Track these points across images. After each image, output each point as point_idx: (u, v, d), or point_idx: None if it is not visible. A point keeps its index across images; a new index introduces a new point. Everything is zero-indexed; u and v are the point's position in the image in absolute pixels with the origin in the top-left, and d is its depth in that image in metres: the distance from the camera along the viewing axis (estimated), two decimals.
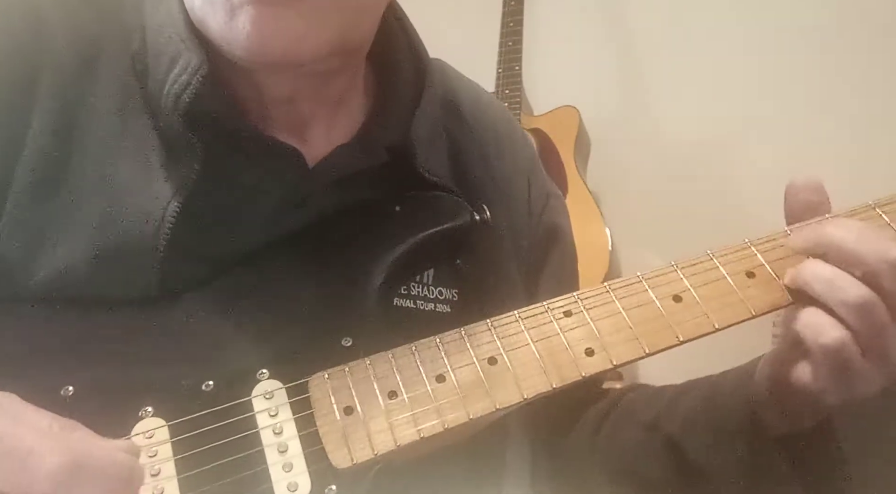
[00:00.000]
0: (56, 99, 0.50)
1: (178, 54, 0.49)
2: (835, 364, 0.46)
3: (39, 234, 0.48)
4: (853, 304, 0.45)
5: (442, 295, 0.55)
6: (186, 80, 0.48)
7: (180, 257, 0.49)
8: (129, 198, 0.49)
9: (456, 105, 0.63)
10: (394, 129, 0.56)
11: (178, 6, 0.51)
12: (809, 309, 0.47)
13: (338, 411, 0.45)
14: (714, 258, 0.52)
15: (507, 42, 1.74)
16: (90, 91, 0.51)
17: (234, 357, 0.47)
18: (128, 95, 0.52)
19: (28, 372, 0.45)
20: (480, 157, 0.63)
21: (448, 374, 0.46)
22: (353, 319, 0.49)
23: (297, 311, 0.49)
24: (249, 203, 0.52)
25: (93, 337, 0.47)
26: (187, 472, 0.42)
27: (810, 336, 0.46)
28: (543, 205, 0.67)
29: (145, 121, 0.51)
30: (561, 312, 0.49)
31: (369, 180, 0.55)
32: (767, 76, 1.70)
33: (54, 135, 0.49)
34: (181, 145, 0.50)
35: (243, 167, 0.52)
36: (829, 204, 0.53)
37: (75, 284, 0.47)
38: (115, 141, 0.51)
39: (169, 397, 0.45)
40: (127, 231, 0.49)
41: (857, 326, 0.45)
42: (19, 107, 0.49)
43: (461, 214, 0.55)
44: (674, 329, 0.49)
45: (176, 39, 0.50)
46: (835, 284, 0.46)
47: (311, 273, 0.51)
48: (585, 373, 0.47)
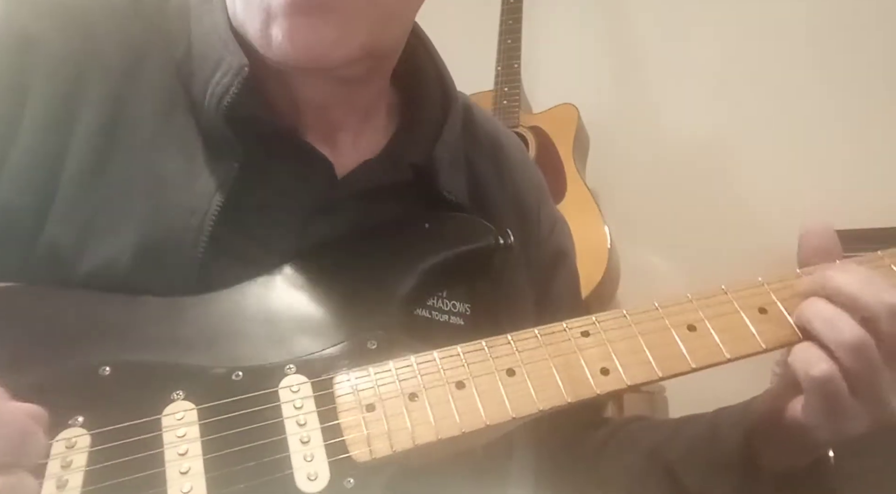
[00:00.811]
0: (103, 97, 0.53)
1: (221, 58, 0.53)
2: (824, 398, 0.48)
3: (90, 223, 0.51)
4: (848, 343, 0.47)
5: (455, 309, 0.58)
6: (228, 82, 0.52)
7: (219, 252, 0.52)
8: (174, 193, 0.52)
9: (475, 132, 0.68)
10: (419, 149, 0.60)
11: (222, 15, 0.55)
12: (803, 343, 0.50)
13: (360, 407, 0.46)
14: (728, 293, 0.54)
15: (506, 40, 1.74)
16: (135, 92, 0.54)
17: (263, 350, 0.49)
18: (172, 98, 0.55)
19: (68, 349, 0.47)
20: (496, 182, 0.66)
21: (468, 381, 0.48)
22: (379, 324, 0.51)
23: (325, 312, 0.52)
24: (281, 205, 0.55)
25: (132, 323, 0.49)
26: (213, 453, 0.44)
27: (801, 368, 0.49)
28: (551, 228, 0.71)
29: (189, 121, 0.54)
30: (579, 332, 0.51)
31: (393, 196, 0.59)
32: (766, 74, 1.73)
33: (101, 131, 0.52)
34: (222, 144, 0.53)
35: (277, 169, 0.55)
36: (840, 250, 0.55)
37: (120, 273, 0.50)
38: (159, 139, 0.54)
39: (200, 383, 0.47)
40: (173, 224, 0.51)
41: (850, 364, 0.47)
42: (70, 104, 0.52)
43: (487, 237, 0.58)
44: (687, 356, 0.51)
45: (219, 45, 0.54)
46: (833, 323, 0.48)
47: (342, 277, 0.54)
48: (600, 390, 0.49)
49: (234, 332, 0.50)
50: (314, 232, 0.56)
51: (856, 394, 0.48)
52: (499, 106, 1.70)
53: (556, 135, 1.69)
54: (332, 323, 0.51)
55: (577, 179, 1.62)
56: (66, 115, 0.52)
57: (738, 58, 1.75)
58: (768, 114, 1.71)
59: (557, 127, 1.70)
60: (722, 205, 1.73)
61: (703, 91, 1.78)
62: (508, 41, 1.74)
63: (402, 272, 0.54)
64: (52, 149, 0.51)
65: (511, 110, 1.70)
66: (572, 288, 0.72)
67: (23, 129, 0.51)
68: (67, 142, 0.52)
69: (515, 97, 1.70)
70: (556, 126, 1.70)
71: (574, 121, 1.71)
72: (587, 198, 1.59)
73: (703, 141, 1.77)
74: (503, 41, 1.75)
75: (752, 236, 1.68)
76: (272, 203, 0.55)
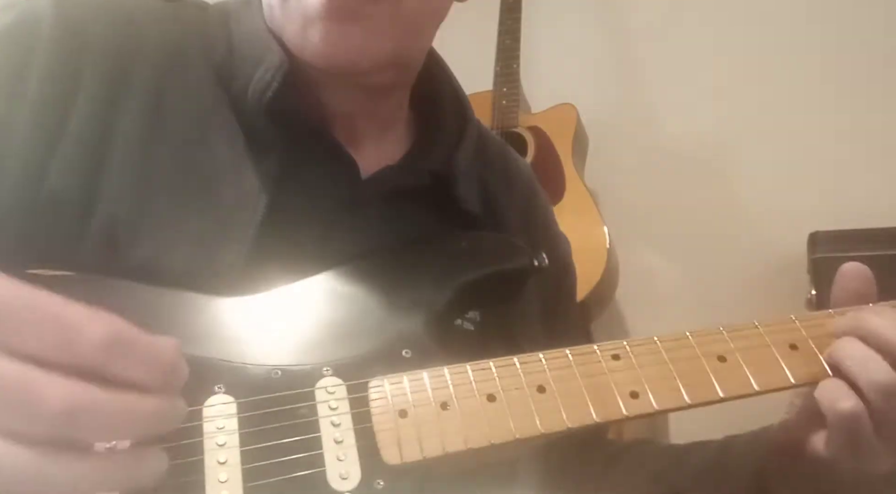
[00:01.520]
0: (147, 88, 0.56)
1: (262, 57, 0.57)
2: (847, 433, 0.49)
3: (144, 207, 0.53)
4: (880, 384, 0.48)
5: (468, 315, 0.60)
6: (270, 78, 0.55)
7: (264, 247, 0.54)
8: (224, 187, 0.55)
9: (486, 152, 0.71)
10: (437, 158, 0.63)
11: (260, 18, 0.59)
12: (832, 379, 0.51)
13: (393, 412, 0.48)
14: (759, 327, 0.55)
15: (504, 40, 1.74)
16: (178, 89, 0.57)
17: (302, 352, 0.51)
18: (213, 98, 0.58)
19: None
20: (506, 201, 0.70)
21: (499, 394, 0.49)
22: (414, 334, 0.53)
23: (364, 318, 0.53)
24: (310, 202, 0.58)
25: (178, 318, 0.51)
26: (250, 445, 0.45)
27: (827, 402, 0.49)
28: (556, 246, 0.75)
29: (231, 118, 0.58)
30: (610, 355, 0.52)
31: (412, 200, 0.62)
32: (764, 74, 1.72)
33: (145, 119, 0.55)
34: (264, 140, 0.56)
35: (309, 167, 0.58)
36: (875, 294, 0.56)
37: (176, 263, 0.52)
38: (204, 132, 0.57)
39: (240, 379, 0.48)
40: (223, 218, 0.54)
41: (878, 405, 0.48)
42: (115, 93, 0.55)
43: (523, 258, 0.60)
44: (716, 385, 0.51)
45: (260, 45, 0.57)
46: (867, 364, 0.49)
47: (380, 286, 0.55)
48: (629, 413, 0.49)
49: (275, 333, 0.51)
50: (338, 229, 0.58)
51: (880, 434, 0.48)
52: (498, 106, 1.70)
53: (555, 136, 1.68)
54: (369, 330, 0.53)
55: (576, 179, 1.62)
56: (113, 106, 0.55)
57: (737, 58, 1.75)
58: (767, 114, 1.71)
59: (556, 127, 1.70)
60: (721, 205, 1.73)
61: (702, 91, 1.78)
62: (507, 41, 1.74)
63: (440, 286, 0.56)
64: (101, 136, 0.54)
65: (510, 110, 1.70)
66: (574, 303, 0.76)
67: (72, 119, 0.54)
68: (115, 129, 0.54)
69: (514, 97, 1.70)
70: (555, 126, 1.70)
71: (573, 122, 1.71)
72: (586, 198, 1.59)
73: (702, 141, 1.77)
74: (502, 41, 1.75)
75: (751, 236, 1.68)
76: (307, 199, 0.58)
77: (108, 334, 0.34)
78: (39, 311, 0.33)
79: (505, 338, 0.59)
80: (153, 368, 0.36)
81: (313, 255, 0.56)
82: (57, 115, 0.53)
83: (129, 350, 0.35)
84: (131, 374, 0.35)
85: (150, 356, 0.36)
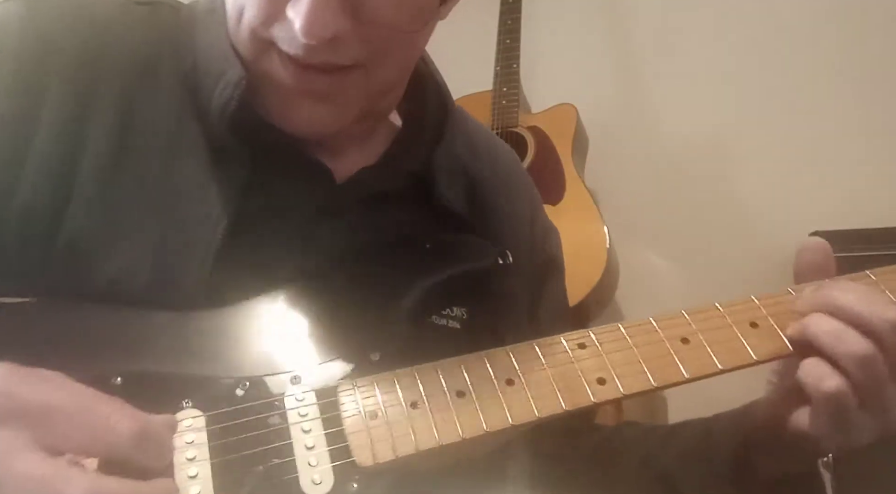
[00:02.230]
0: (117, 99, 0.56)
1: (222, 71, 0.56)
2: (833, 411, 0.49)
3: (110, 224, 0.53)
4: (857, 357, 0.49)
5: (453, 313, 0.59)
6: (229, 94, 0.55)
7: (229, 263, 0.54)
8: (187, 202, 0.54)
9: (473, 144, 0.71)
10: (416, 157, 0.63)
11: (223, 27, 0.58)
12: (812, 358, 0.51)
13: (364, 414, 0.48)
14: (720, 308, 0.56)
15: (504, 40, 1.73)
16: (148, 98, 0.57)
17: (270, 361, 0.51)
18: (182, 107, 0.57)
19: (82, 361, 0.49)
20: (493, 192, 0.69)
21: (468, 390, 0.50)
22: (383, 337, 0.53)
23: (331, 325, 0.53)
24: (285, 212, 0.57)
25: (142, 334, 0.51)
26: (220, 457, 0.45)
27: (812, 383, 0.50)
28: (544, 238, 0.73)
29: (198, 131, 0.57)
30: (576, 344, 0.53)
31: (393, 202, 0.61)
32: (765, 74, 1.73)
33: (115, 137, 0.55)
34: (230, 153, 0.56)
35: (280, 178, 0.57)
36: (833, 268, 0.57)
37: (136, 282, 0.52)
38: (172, 145, 0.56)
39: (208, 393, 0.48)
40: (186, 233, 0.53)
41: (858, 378, 0.49)
42: (84, 104, 0.55)
43: (487, 257, 0.60)
44: (680, 366, 0.52)
45: (220, 58, 0.57)
46: (841, 337, 0.50)
47: (347, 291, 0.55)
48: (596, 399, 0.50)
49: (242, 345, 0.51)
50: (317, 238, 0.58)
51: (864, 407, 0.49)
52: (498, 106, 1.70)
53: (555, 136, 1.68)
54: (337, 337, 0.53)
55: (576, 179, 1.61)
56: (81, 117, 0.54)
57: (737, 57, 1.76)
58: (767, 115, 1.72)
59: (556, 127, 1.69)
60: (721, 205, 1.73)
61: (702, 91, 1.78)
62: (507, 41, 1.73)
63: (405, 288, 0.56)
64: (68, 149, 0.53)
65: (510, 110, 1.69)
66: (561, 297, 0.75)
67: (39, 130, 0.53)
68: (83, 142, 0.54)
69: (514, 97, 1.70)
70: (555, 126, 1.70)
71: (573, 122, 1.70)
72: (586, 198, 1.58)
73: (702, 141, 1.78)
74: (502, 41, 1.74)
75: (751, 236, 1.68)
76: (276, 211, 0.57)
77: (136, 431, 0.40)
78: (75, 412, 0.40)
79: (492, 336, 0.59)
80: (168, 454, 0.43)
81: (291, 265, 0.56)
82: (23, 130, 0.53)
83: (152, 442, 0.41)
84: (152, 463, 0.41)
85: (166, 445, 0.43)
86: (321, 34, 0.50)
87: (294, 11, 0.50)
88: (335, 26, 0.50)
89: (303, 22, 0.49)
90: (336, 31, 0.50)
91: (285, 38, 0.52)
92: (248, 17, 0.53)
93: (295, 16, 0.50)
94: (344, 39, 0.51)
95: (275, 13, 0.52)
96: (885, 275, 0.59)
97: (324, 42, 0.50)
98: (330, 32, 0.50)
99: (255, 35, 0.54)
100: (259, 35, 0.54)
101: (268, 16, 0.52)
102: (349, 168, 0.61)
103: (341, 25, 0.50)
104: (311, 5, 0.49)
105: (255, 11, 0.53)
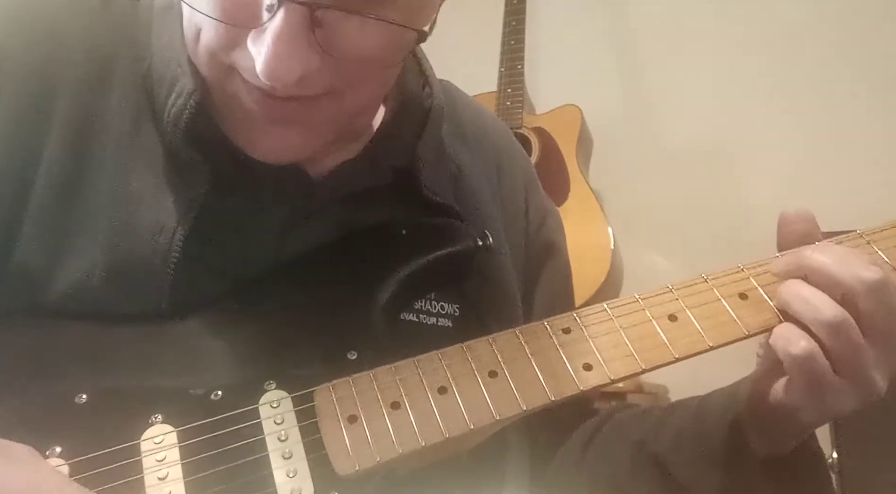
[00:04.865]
0: (72, 109, 0.52)
1: (175, 79, 0.52)
2: (806, 376, 0.47)
3: (59, 242, 0.50)
4: (826, 322, 0.47)
5: (444, 310, 0.57)
6: (182, 104, 0.51)
7: (191, 271, 0.51)
8: (142, 211, 0.51)
9: (460, 126, 0.66)
10: (399, 150, 0.58)
11: (179, 33, 0.53)
12: (784, 323, 0.50)
13: (342, 419, 0.46)
14: (708, 280, 0.54)
15: (509, 41, 1.74)
16: (104, 104, 0.53)
17: (242, 368, 0.48)
18: (139, 113, 0.54)
19: (44, 379, 0.47)
20: (482, 176, 0.65)
21: (450, 386, 0.48)
22: (359, 334, 0.51)
23: (304, 326, 0.51)
24: (258, 218, 0.54)
25: (106, 348, 0.49)
26: (194, 475, 0.43)
27: (781, 347, 0.48)
28: (541, 221, 0.69)
29: (155, 138, 0.53)
30: (560, 329, 0.51)
31: (375, 198, 0.58)
32: (769, 75, 1.73)
33: (71, 146, 0.52)
34: (188, 164, 0.52)
35: (250, 184, 0.54)
36: (819, 234, 0.55)
37: (91, 294, 0.49)
38: (128, 155, 0.53)
39: (178, 405, 0.46)
40: (140, 242, 0.50)
41: (831, 343, 0.47)
42: (38, 116, 0.52)
43: (465, 239, 0.57)
44: (669, 346, 0.50)
45: (174, 64, 0.52)
46: (810, 302, 0.48)
47: (319, 289, 0.53)
48: (584, 387, 0.48)
49: (212, 352, 0.49)
50: (294, 240, 0.55)
51: (840, 373, 0.47)
52: (502, 107, 1.70)
53: (559, 137, 1.69)
54: (311, 337, 0.50)
55: (581, 180, 1.62)
56: (35, 130, 0.51)
57: (741, 59, 1.76)
58: (772, 116, 1.72)
59: (561, 128, 1.70)
60: (725, 206, 1.74)
61: (706, 92, 1.78)
62: (512, 42, 1.74)
63: (381, 280, 0.53)
64: (21, 165, 0.51)
65: (514, 111, 1.69)
66: (562, 283, 0.70)
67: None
68: (37, 158, 0.51)
69: (519, 98, 1.70)
70: (560, 127, 1.70)
71: (577, 123, 1.71)
72: (590, 199, 1.59)
73: (706, 142, 1.78)
74: (506, 42, 1.74)
75: (754, 236, 1.66)
76: (247, 216, 0.54)
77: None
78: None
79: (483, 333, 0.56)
80: None
81: (263, 268, 0.53)
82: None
83: None
84: None
85: None
86: (286, 79, 0.44)
87: (255, 49, 0.44)
88: (302, 68, 0.44)
89: (264, 66, 0.44)
90: (304, 72, 0.44)
91: (247, 68, 0.46)
92: (206, 40, 0.48)
93: (257, 54, 0.44)
94: (312, 76, 0.46)
95: (235, 40, 0.46)
96: (877, 234, 0.58)
97: (289, 84, 0.45)
98: (296, 75, 0.44)
99: (214, 59, 0.49)
100: (219, 59, 0.48)
101: (228, 42, 0.47)
102: (328, 163, 0.57)
103: (308, 64, 0.45)
104: (275, 46, 0.43)
105: (212, 35, 0.47)
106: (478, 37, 1.80)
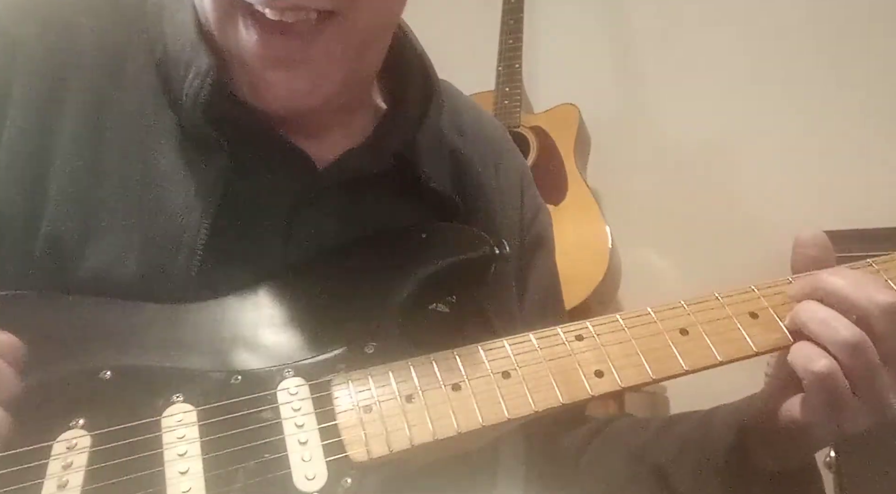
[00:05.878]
0: (86, 96, 0.54)
1: (191, 60, 0.54)
2: (826, 394, 0.48)
3: (90, 219, 0.52)
4: (845, 343, 0.48)
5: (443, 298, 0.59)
6: (199, 85, 0.53)
7: (215, 250, 0.53)
8: (171, 193, 0.53)
9: (459, 121, 0.69)
10: (400, 137, 0.60)
11: (191, 14, 0.55)
12: (802, 342, 0.51)
13: (358, 409, 0.47)
14: (720, 298, 0.55)
15: (507, 40, 1.73)
16: (119, 92, 0.55)
17: (262, 355, 0.50)
18: (156, 97, 0.56)
19: (71, 354, 0.48)
20: (480, 170, 0.67)
21: (464, 383, 0.49)
22: (377, 329, 0.52)
23: (324, 318, 0.52)
24: (267, 200, 0.56)
25: (132, 327, 0.50)
26: (211, 453, 0.44)
27: (801, 364, 0.49)
28: (533, 216, 0.72)
29: (174, 120, 0.55)
30: (573, 336, 0.52)
31: (377, 185, 0.60)
32: (767, 74, 1.73)
33: (86, 128, 0.54)
34: (208, 143, 0.54)
35: (261, 165, 0.56)
36: (833, 260, 0.56)
37: (127, 272, 0.51)
38: (149, 137, 0.55)
39: (199, 386, 0.47)
40: (172, 222, 0.52)
41: (849, 363, 0.48)
42: (52, 100, 0.53)
43: (483, 247, 0.59)
44: (679, 358, 0.51)
45: (188, 46, 0.55)
46: (829, 324, 0.49)
47: (341, 284, 0.54)
48: (594, 392, 0.49)
49: (234, 337, 0.50)
50: (300, 224, 0.57)
51: (857, 393, 0.48)
52: (500, 106, 1.70)
53: (557, 135, 1.68)
54: (331, 329, 0.52)
55: (579, 179, 1.62)
56: (49, 115, 0.53)
57: (739, 58, 1.76)
58: (770, 115, 1.72)
59: (559, 127, 1.70)
60: (723, 205, 1.73)
61: (704, 91, 1.78)
62: (510, 41, 1.73)
63: (400, 279, 0.55)
64: (37, 148, 0.52)
65: (512, 110, 1.69)
66: (549, 275, 0.73)
67: (6, 130, 0.52)
68: (52, 141, 0.53)
69: (517, 97, 1.70)
70: (558, 126, 1.70)
71: (575, 121, 1.71)
72: (588, 198, 1.58)
73: (704, 141, 1.78)
74: (504, 41, 1.73)
75: (753, 236, 1.68)
76: (259, 198, 0.56)
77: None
78: None
79: (480, 318, 0.58)
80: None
81: (275, 253, 0.55)
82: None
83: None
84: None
85: None
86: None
87: None
88: None
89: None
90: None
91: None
92: None
93: None
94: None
95: None
96: (888, 264, 0.59)
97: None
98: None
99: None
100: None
101: None
102: (333, 151, 0.59)
103: None
104: None
105: None
106: (475, 35, 1.79)
